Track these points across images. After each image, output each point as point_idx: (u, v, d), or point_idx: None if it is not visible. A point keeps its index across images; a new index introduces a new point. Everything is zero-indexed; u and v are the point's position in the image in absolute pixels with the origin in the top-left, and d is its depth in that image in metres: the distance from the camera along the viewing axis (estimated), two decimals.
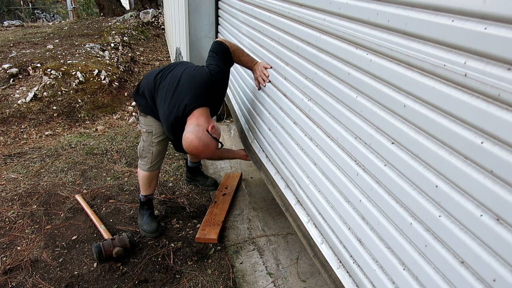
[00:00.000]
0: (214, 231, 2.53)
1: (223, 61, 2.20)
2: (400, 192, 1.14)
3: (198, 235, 2.51)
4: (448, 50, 0.93)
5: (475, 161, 0.87)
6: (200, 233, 2.52)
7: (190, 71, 2.15)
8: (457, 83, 0.90)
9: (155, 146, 2.43)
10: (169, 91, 2.12)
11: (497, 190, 0.81)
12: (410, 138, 1.08)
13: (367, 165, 1.31)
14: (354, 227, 1.41)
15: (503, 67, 0.79)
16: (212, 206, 2.79)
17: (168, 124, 2.12)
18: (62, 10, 15.60)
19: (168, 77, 2.20)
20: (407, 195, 1.11)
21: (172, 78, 2.17)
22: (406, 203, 1.12)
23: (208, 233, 2.51)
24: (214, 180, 3.13)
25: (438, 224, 1.00)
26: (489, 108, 0.82)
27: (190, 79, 2.10)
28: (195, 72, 2.14)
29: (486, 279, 0.86)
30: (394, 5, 1.11)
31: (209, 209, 2.76)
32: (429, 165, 1.02)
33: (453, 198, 0.94)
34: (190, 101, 2.03)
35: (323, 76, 1.58)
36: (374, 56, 1.21)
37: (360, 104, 1.32)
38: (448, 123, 0.94)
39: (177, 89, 2.09)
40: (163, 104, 2.13)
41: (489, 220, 0.84)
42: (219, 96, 2.28)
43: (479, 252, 0.87)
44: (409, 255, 1.12)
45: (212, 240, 2.48)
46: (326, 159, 1.60)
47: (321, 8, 1.53)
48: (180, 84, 2.10)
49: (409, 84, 1.06)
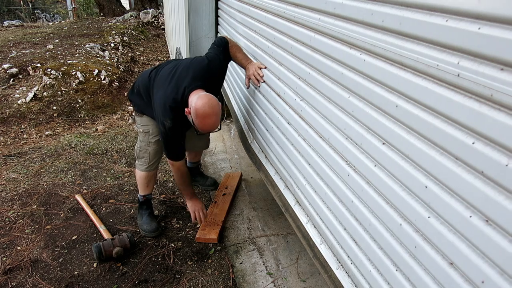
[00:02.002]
0: (214, 231, 2.53)
1: (222, 52, 2.28)
2: (390, 193, 1.15)
3: (198, 235, 2.51)
4: (442, 50, 0.93)
5: (466, 162, 0.87)
6: (200, 233, 2.52)
7: (187, 60, 2.21)
8: (450, 83, 0.90)
9: (152, 145, 2.43)
10: (167, 79, 2.14)
11: (487, 191, 0.81)
12: (401, 138, 1.08)
13: (358, 165, 1.31)
14: (349, 227, 1.42)
15: (496, 67, 0.79)
16: (212, 206, 2.79)
17: (166, 108, 2.07)
18: (62, 10, 15.61)
19: (163, 70, 2.22)
20: (396, 196, 1.12)
21: (169, 68, 2.19)
22: (395, 204, 1.13)
23: (208, 233, 2.51)
24: (213, 180, 3.12)
25: (427, 225, 1.00)
26: (481, 108, 0.82)
27: (188, 65, 2.15)
28: (193, 59, 2.20)
29: (475, 280, 0.86)
30: (389, 5, 1.11)
31: (209, 209, 2.76)
32: (419, 166, 1.02)
33: (442, 199, 0.94)
34: (189, 83, 2.07)
35: (316, 76, 1.58)
36: (367, 56, 1.21)
37: (352, 104, 1.32)
38: (440, 123, 0.94)
39: (175, 75, 2.12)
40: (160, 90, 2.12)
41: (478, 221, 0.85)
42: (217, 83, 2.31)
43: (468, 253, 0.87)
44: (400, 256, 1.12)
45: (212, 240, 2.48)
46: (319, 159, 1.60)
47: (317, 8, 1.53)
48: (178, 71, 2.14)
49: (402, 84, 1.06)
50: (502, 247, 0.78)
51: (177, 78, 2.11)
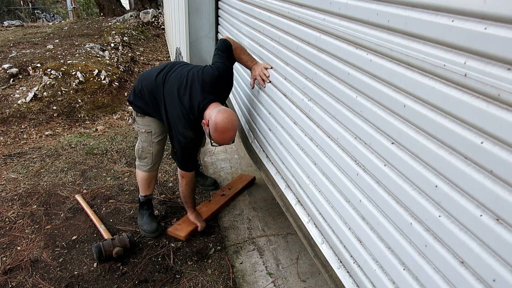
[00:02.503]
0: (186, 229, 2.54)
1: (227, 57, 2.28)
2: (400, 192, 1.14)
3: (170, 228, 2.56)
4: (448, 50, 0.93)
5: (475, 161, 0.87)
6: (174, 227, 2.57)
7: (197, 71, 2.21)
8: (457, 83, 0.90)
9: (155, 146, 2.43)
10: (180, 90, 2.16)
11: (497, 190, 0.81)
12: (410, 138, 1.08)
13: (367, 165, 1.31)
14: (354, 227, 1.41)
15: (503, 67, 0.79)
16: (204, 204, 2.81)
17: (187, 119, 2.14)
18: (62, 10, 15.60)
19: (172, 79, 2.22)
20: (407, 195, 1.11)
21: (179, 78, 2.20)
22: (406, 203, 1.13)
23: (180, 230, 2.54)
24: (213, 180, 3.13)
25: (438, 224, 1.00)
26: (489, 108, 0.82)
27: (199, 78, 2.17)
28: (204, 71, 2.21)
29: (486, 279, 0.86)
30: (394, 5, 1.11)
31: (199, 205, 2.77)
32: (429, 165, 1.02)
33: (453, 198, 0.94)
34: (203, 97, 2.12)
35: (323, 76, 1.58)
36: (374, 56, 1.21)
37: (360, 104, 1.32)
38: (448, 123, 0.94)
39: (187, 86, 2.15)
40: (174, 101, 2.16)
41: (488, 220, 0.84)
42: (226, 90, 2.37)
43: (479, 252, 0.87)
44: (409, 255, 1.12)
45: (179, 236, 2.51)
46: (326, 159, 1.60)
47: (321, 8, 1.53)
48: (189, 81, 2.17)
49: (409, 84, 1.06)
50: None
51: (190, 90, 2.14)
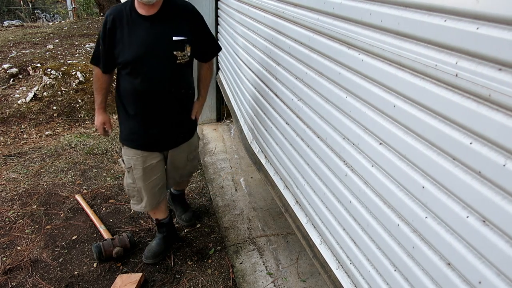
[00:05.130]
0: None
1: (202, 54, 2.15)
2: (387, 193, 1.15)
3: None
4: (440, 50, 0.92)
5: (463, 162, 0.87)
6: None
7: None
8: (448, 84, 0.90)
9: (140, 181, 2.08)
10: None
11: (484, 192, 0.81)
12: (398, 138, 1.08)
13: (355, 165, 1.31)
14: (348, 228, 1.42)
15: (494, 67, 0.79)
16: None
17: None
18: (62, 10, 15.60)
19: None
20: (394, 196, 1.12)
21: None
22: (393, 204, 1.13)
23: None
24: (190, 216, 2.66)
25: (425, 226, 1.00)
26: (479, 108, 0.82)
27: None
28: None
29: (472, 281, 0.86)
30: (388, 5, 1.11)
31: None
32: (417, 166, 1.02)
33: (439, 199, 0.94)
34: None
35: (313, 76, 1.58)
36: (365, 56, 1.21)
37: (350, 104, 1.32)
38: (438, 123, 0.94)
39: None
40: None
41: (475, 222, 0.84)
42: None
43: (465, 254, 0.87)
44: (398, 257, 1.12)
45: None
46: (317, 159, 1.60)
47: (315, 8, 1.53)
48: None
49: (400, 84, 1.06)
50: (499, 247, 0.78)
51: None
